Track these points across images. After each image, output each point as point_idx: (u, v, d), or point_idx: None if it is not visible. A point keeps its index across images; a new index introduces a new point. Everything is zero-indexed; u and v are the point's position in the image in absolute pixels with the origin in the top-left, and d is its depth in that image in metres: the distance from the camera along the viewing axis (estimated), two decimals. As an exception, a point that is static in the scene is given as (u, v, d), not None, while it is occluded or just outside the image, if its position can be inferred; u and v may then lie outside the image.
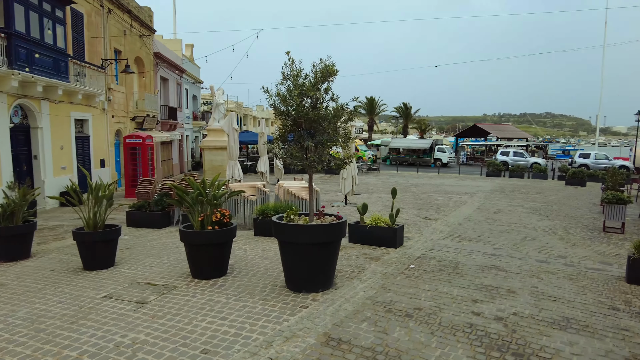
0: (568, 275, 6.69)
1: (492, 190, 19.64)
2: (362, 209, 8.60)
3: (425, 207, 14.10)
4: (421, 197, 16.75)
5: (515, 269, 6.99)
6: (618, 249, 8.76)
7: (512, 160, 35.62)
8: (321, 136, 5.55)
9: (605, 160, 34.66)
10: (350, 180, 14.19)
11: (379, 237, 8.26)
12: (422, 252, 7.94)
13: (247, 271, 6.72)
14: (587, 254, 8.14)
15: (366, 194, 17.52)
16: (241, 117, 52.39)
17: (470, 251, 8.16)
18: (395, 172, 30.63)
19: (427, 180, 24.23)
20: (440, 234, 9.78)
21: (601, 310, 5.24)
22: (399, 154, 40.49)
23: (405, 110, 57.32)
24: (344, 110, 5.73)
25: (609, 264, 7.48)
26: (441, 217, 12.18)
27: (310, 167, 5.60)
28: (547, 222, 11.73)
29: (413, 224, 10.84)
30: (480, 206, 14.58)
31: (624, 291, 6.00)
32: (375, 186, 20.63)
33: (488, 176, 28.12)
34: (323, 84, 5.66)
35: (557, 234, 10.18)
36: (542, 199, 17.11)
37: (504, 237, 9.63)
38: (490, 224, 11.30)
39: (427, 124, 64.55)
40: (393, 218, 8.40)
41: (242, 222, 10.60)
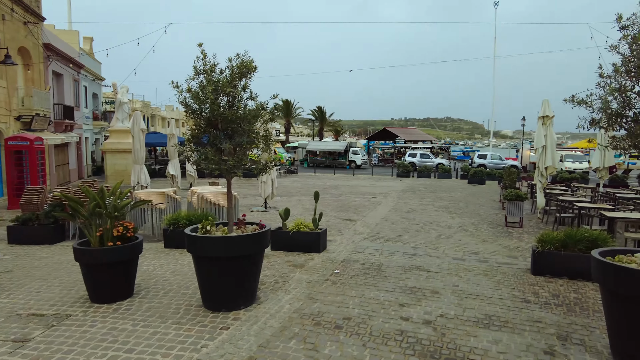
0: (483, 271, 7.00)
1: (404, 190, 20.53)
2: (284, 214, 8.25)
3: (344, 208, 14.18)
4: (339, 198, 16.88)
5: (435, 268, 7.15)
6: (520, 242, 9.49)
7: (419, 161, 37.89)
8: (240, 138, 5.07)
9: (499, 161, 38.40)
10: (270, 184, 13.76)
11: (303, 242, 7.97)
12: (346, 256, 7.81)
13: (157, 290, 5.97)
14: (496, 249, 8.67)
15: (286, 197, 17.21)
16: (148, 118, 48.99)
17: (391, 252, 8.22)
18: (313, 174, 30.78)
19: (344, 182, 24.65)
20: (360, 235, 9.79)
21: (516, 304, 5.49)
22: (316, 156, 40.89)
23: (321, 114, 58.25)
24: (265, 110, 5.32)
25: (515, 257, 8.02)
26: (360, 218, 12.28)
27: (229, 172, 5.09)
28: (457, 220, 12.43)
29: (334, 227, 10.74)
30: (394, 206, 15.06)
31: (531, 283, 6.40)
32: (294, 189, 20.41)
33: (399, 177, 29.52)
34: (240, 80, 5.20)
35: (467, 230, 10.78)
36: (449, 197, 18.26)
37: (420, 235, 9.94)
38: (406, 223, 11.65)
39: (342, 127, 66.34)
40: (316, 222, 8.17)
41: (150, 233, 9.61)
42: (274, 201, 15.15)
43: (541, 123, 13.39)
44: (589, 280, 6.54)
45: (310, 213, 12.98)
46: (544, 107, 13.33)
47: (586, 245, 6.61)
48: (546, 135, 13.23)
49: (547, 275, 6.75)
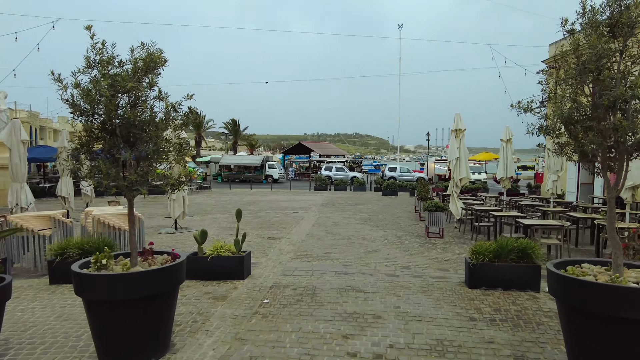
0: (420, 288, 6.64)
1: (324, 204, 20.22)
2: (200, 237, 7.16)
3: (266, 225, 13.29)
4: (259, 215, 15.93)
5: (371, 287, 6.63)
6: (445, 253, 9.46)
7: (335, 174, 38.34)
8: (145, 146, 4.04)
9: (407, 173, 40.34)
10: (181, 202, 12.39)
11: (224, 269, 6.96)
12: (274, 281, 6.96)
13: (34, 346, 4.56)
14: (425, 262, 8.46)
15: (199, 215, 15.78)
16: (37, 130, 43.17)
17: (322, 272, 7.56)
18: (228, 189, 29.28)
19: (262, 197, 23.69)
20: (287, 255, 9.01)
21: (463, 324, 5.13)
22: (231, 170, 39.27)
23: (235, 127, 56.54)
24: (177, 113, 4.36)
25: (446, 270, 7.85)
26: (284, 235, 11.50)
27: (131, 190, 4.01)
28: (381, 232, 12.25)
29: (257, 247, 9.81)
30: (317, 220, 14.55)
31: (470, 297, 6.16)
32: (208, 206, 18.95)
33: (316, 190, 29.35)
34: (146, 76, 4.19)
35: (392, 243, 10.57)
36: (368, 209, 18.31)
37: (348, 251, 9.46)
38: (331, 238, 11.14)
39: (257, 141, 65.12)
40: (239, 244, 7.21)
41: (31, 266, 7.83)
42: (186, 221, 13.73)
43: (454, 136, 13.92)
44: (522, 290, 6.51)
45: (229, 232, 11.89)
46: (456, 121, 13.88)
47: (517, 255, 6.60)
48: (459, 148, 13.77)
49: (482, 287, 6.60)
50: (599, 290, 3.58)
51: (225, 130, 54.97)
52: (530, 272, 6.51)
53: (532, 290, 6.49)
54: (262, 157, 41.95)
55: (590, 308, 3.60)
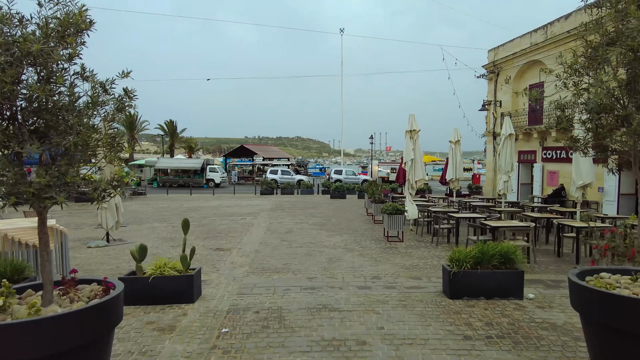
0: (399, 301, 5.94)
1: (273, 209, 19.21)
2: (139, 253, 5.93)
3: (212, 234, 12.05)
4: (203, 222, 14.58)
5: (345, 304, 5.82)
6: (411, 258, 8.91)
7: (281, 178, 37.29)
8: (61, 138, 2.91)
9: (353, 176, 40.27)
10: (114, 210, 10.81)
11: (169, 291, 5.79)
12: (231, 302, 5.91)
13: None
14: (394, 270, 7.82)
15: (135, 225, 14.10)
16: None
17: (286, 288, 6.63)
18: (165, 195, 27.18)
19: (204, 203, 22.12)
20: (242, 269, 7.95)
21: (460, 345, 4.47)
22: (168, 175, 36.80)
23: (172, 128, 53.40)
24: (108, 95, 3.25)
25: (419, 279, 7.25)
26: (234, 245, 10.38)
27: (40, 198, 2.85)
28: (338, 238, 11.53)
29: (206, 261, 8.64)
30: (269, 227, 13.54)
31: (455, 310, 5.56)
32: (144, 214, 17.16)
33: (263, 194, 28.17)
34: (63, 44, 3.06)
35: (354, 250, 9.87)
36: (320, 213, 17.57)
37: (309, 261, 8.59)
38: (287, 246, 10.21)
39: (196, 144, 62.16)
40: (187, 261, 6.07)
41: None
42: (120, 231, 12.12)
43: (409, 137, 13.58)
44: (505, 298, 6.04)
45: (170, 244, 10.54)
46: (411, 122, 13.55)
47: (499, 261, 6.12)
48: (414, 149, 13.45)
49: (464, 297, 6.04)
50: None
51: (161, 132, 51.75)
52: (514, 279, 6.06)
53: (515, 297, 6.04)
54: (202, 160, 39.80)
55: (632, 329, 3.04)
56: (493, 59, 24.68)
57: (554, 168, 20.17)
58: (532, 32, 21.40)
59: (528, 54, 21.62)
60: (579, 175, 10.68)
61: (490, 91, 25.17)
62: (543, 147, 20.68)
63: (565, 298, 6.17)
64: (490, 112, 25.12)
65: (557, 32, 19.62)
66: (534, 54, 21.22)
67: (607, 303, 3.16)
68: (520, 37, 22.35)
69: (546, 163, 20.64)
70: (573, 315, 5.35)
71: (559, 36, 19.41)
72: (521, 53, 22.04)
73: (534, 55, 21.23)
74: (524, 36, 21.99)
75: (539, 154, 20.97)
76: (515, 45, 22.74)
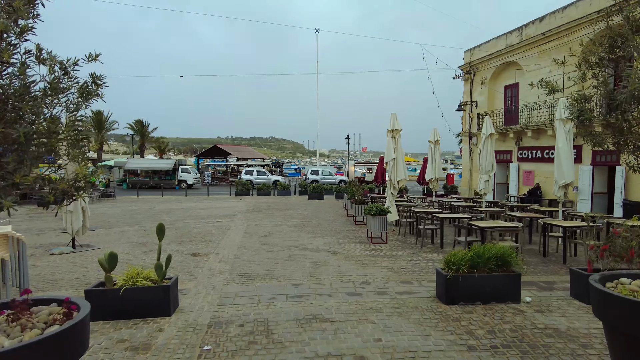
0: (393, 309, 5.59)
1: (249, 210, 18.63)
2: (109, 262, 5.35)
3: (187, 238, 11.41)
4: (176, 225, 13.87)
5: (336, 313, 5.42)
6: (397, 261, 8.61)
7: (257, 179, 36.59)
8: (12, 129, 2.39)
9: (329, 176, 39.99)
10: (80, 213, 10.04)
11: (143, 303, 5.23)
12: (212, 315, 5.41)
13: None
14: (382, 274, 7.49)
15: (104, 229, 13.26)
16: None
17: (271, 296, 6.17)
18: (135, 197, 26.06)
19: (177, 205, 21.27)
20: (221, 276, 7.43)
21: (465, 356, 4.15)
22: (138, 176, 35.44)
23: (142, 128, 51.65)
24: (70, 79, 2.73)
25: (410, 283, 6.94)
26: (211, 250, 9.81)
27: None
28: (320, 240, 11.13)
29: (182, 267, 8.06)
30: (247, 230, 13.00)
31: (453, 317, 5.25)
32: (113, 217, 16.25)
33: (238, 195, 27.46)
34: (8, 11, 2.52)
35: (338, 252, 9.50)
36: (298, 214, 17.13)
37: (293, 266, 8.15)
38: (269, 250, 9.74)
39: (167, 144, 60.40)
40: (162, 269, 5.52)
41: None
42: (87, 236, 11.34)
43: (390, 136, 13.33)
44: (502, 302, 5.78)
45: (142, 250, 9.87)
46: (393, 121, 13.31)
47: (495, 263, 5.86)
48: (396, 149, 13.20)
49: (460, 303, 5.75)
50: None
51: (131, 132, 49.93)
52: (511, 282, 5.81)
53: (512, 301, 5.80)
54: (174, 160, 38.60)
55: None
56: (469, 59, 24.88)
57: (529, 168, 20.44)
58: (508, 34, 21.65)
59: (504, 55, 21.87)
60: (561, 174, 10.67)
61: (467, 91, 25.37)
62: (519, 147, 20.94)
63: (562, 300, 5.98)
64: (466, 113, 25.31)
65: (532, 34, 19.89)
66: (510, 55, 21.47)
67: (637, 312, 2.89)
68: (496, 39, 22.59)
69: (522, 163, 20.90)
70: (574, 320, 5.14)
71: (533, 38, 19.68)
72: (497, 54, 22.27)
73: (510, 56, 21.49)
74: (500, 37, 22.23)
75: (515, 154, 21.22)
76: (491, 46, 22.97)
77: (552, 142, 18.91)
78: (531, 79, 20.53)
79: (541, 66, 19.57)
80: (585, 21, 16.93)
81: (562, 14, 18.29)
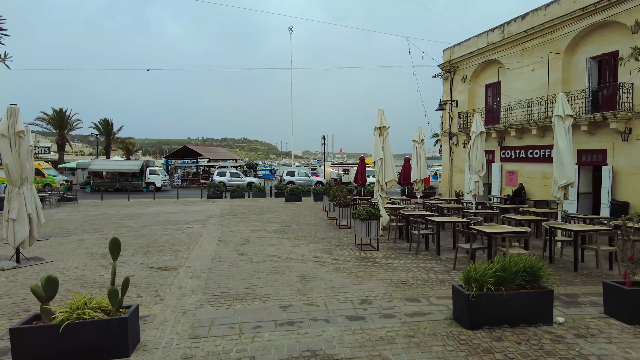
0: (408, 338, 4.59)
1: (223, 214, 17.34)
2: (45, 289, 4.11)
3: (153, 248, 10.10)
4: (142, 232, 12.48)
5: (339, 347, 4.37)
6: (396, 272, 7.65)
7: (230, 180, 35.13)
8: None
9: (306, 178, 38.90)
10: (25, 221, 8.58)
11: (91, 342, 4.02)
12: (184, 353, 4.25)
13: None
14: (383, 290, 6.50)
15: (59, 237, 11.74)
16: None
17: (255, 324, 5.05)
18: (99, 200, 24.20)
19: (144, 209, 19.71)
20: (193, 296, 6.25)
21: (519, 412, 3.18)
22: (102, 178, 33.32)
23: (107, 128, 49.01)
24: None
25: (417, 300, 5.98)
26: (181, 262, 8.57)
27: None
28: (304, 248, 10.07)
29: (146, 286, 6.81)
30: (221, 237, 11.78)
31: (484, 348, 4.31)
32: (73, 223, 14.64)
33: (210, 198, 26.03)
34: None
35: (326, 263, 8.46)
36: (277, 218, 16.01)
37: (278, 281, 7.06)
38: (247, 261, 8.60)
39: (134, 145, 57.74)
40: (117, 297, 4.32)
41: None
42: (37, 247, 9.86)
43: (378, 134, 12.40)
44: (533, 324, 4.90)
45: (101, 262, 8.52)
46: (380, 118, 12.38)
47: (523, 279, 4.97)
48: (384, 147, 12.29)
49: (485, 327, 4.82)
50: None
51: (96, 132, 47.22)
52: (543, 301, 4.93)
53: (543, 323, 4.92)
54: (141, 161, 36.55)
55: None
56: (449, 58, 24.39)
57: (512, 168, 20.03)
58: (489, 32, 21.22)
59: (485, 53, 21.44)
60: (562, 174, 10.02)
61: (446, 91, 24.87)
62: (501, 147, 20.52)
63: (597, 320, 5.15)
64: (446, 112, 24.81)
65: (514, 31, 19.50)
66: (491, 53, 21.05)
67: None
68: (476, 37, 22.15)
69: (505, 163, 20.49)
70: (627, 348, 4.30)
71: (515, 35, 19.29)
72: (478, 52, 21.83)
73: (491, 54, 21.07)
74: (481, 35, 21.80)
75: (497, 154, 20.80)
76: (471, 44, 22.52)
77: (537, 141, 18.58)
78: (513, 77, 20.22)
79: (524, 64, 19.23)
80: (569, 18, 16.61)
81: (545, 12, 17.93)
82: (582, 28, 16.21)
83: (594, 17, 15.68)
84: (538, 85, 18.32)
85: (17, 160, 8.32)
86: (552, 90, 17.45)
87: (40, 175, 30.06)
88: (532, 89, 18.62)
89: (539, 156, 18.44)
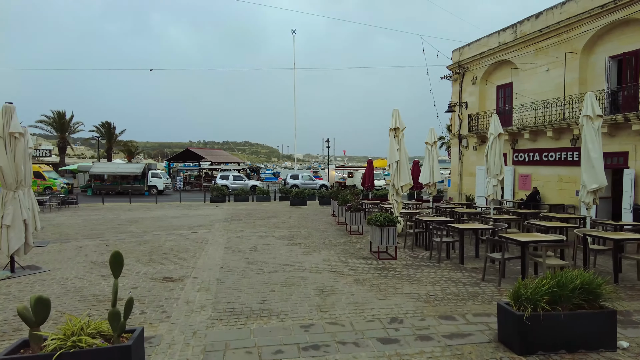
0: (454, 367, 3.98)
1: (228, 219, 16.75)
2: (36, 310, 3.52)
3: (157, 255, 9.50)
4: (145, 238, 11.89)
5: (376, 378, 3.76)
6: (422, 285, 7.03)
7: (233, 184, 34.57)
8: None
9: (310, 181, 38.31)
10: (21, 227, 8.00)
11: (87, 379, 3.43)
12: (195, 386, 3.66)
13: None
14: (412, 306, 5.89)
15: (58, 243, 11.15)
16: None
17: (276, 349, 4.45)
18: (101, 204, 23.64)
19: (146, 213, 19.13)
20: (202, 312, 5.64)
21: None
22: (104, 181, 32.78)
23: (109, 131, 48.51)
24: None
25: (452, 318, 5.37)
26: (187, 272, 7.97)
27: None
28: (317, 256, 9.46)
29: (150, 300, 6.21)
30: (228, 243, 11.19)
31: (543, 381, 3.70)
32: (73, 228, 14.06)
33: (213, 202, 25.47)
34: None
35: (343, 273, 7.85)
36: (284, 223, 15.42)
37: (294, 295, 6.45)
38: (258, 271, 7.99)
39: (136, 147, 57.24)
40: (119, 320, 3.72)
41: None
42: (35, 255, 9.28)
43: (393, 135, 11.81)
44: (594, 350, 4.28)
45: (101, 271, 7.92)
46: (395, 118, 11.80)
47: (582, 297, 4.36)
48: (399, 149, 11.70)
49: (539, 352, 4.21)
50: None
51: (97, 135, 46.73)
52: (605, 323, 4.32)
53: (606, 348, 4.31)
54: (143, 164, 36.01)
55: None
56: (458, 59, 23.82)
57: (526, 171, 19.40)
58: (501, 32, 20.66)
59: (496, 53, 20.86)
60: (592, 178, 9.40)
61: (456, 92, 24.29)
62: (514, 150, 19.90)
63: (663, 344, 4.54)
64: (456, 114, 24.22)
65: (528, 31, 18.93)
66: (503, 53, 20.47)
67: None
68: (487, 37, 21.59)
69: (518, 166, 19.85)
70: None
71: (529, 35, 18.71)
72: (489, 53, 21.26)
73: (503, 54, 20.48)
74: (492, 35, 21.23)
75: (510, 157, 20.17)
76: (482, 45, 21.95)
77: (552, 144, 17.96)
78: (527, 78, 19.64)
79: (538, 64, 18.65)
80: (587, 17, 16.04)
81: (561, 10, 17.35)
82: (601, 26, 15.63)
83: (613, 15, 15.10)
84: (553, 86, 17.72)
85: (12, 162, 7.75)
86: (569, 90, 16.85)
87: (41, 178, 29.55)
88: (547, 89, 18.02)
89: (554, 159, 17.81)
